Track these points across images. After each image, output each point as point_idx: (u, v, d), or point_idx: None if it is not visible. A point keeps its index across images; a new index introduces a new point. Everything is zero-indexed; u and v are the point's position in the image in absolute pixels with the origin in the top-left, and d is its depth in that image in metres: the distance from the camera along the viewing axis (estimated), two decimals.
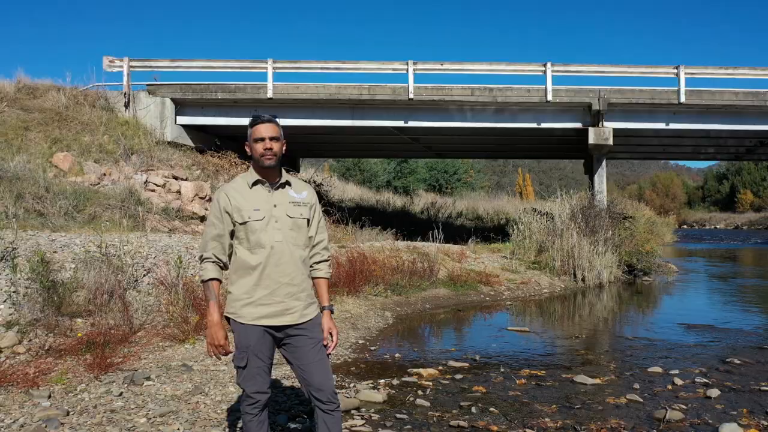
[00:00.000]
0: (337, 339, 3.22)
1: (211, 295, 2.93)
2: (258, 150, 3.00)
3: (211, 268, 2.95)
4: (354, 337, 7.05)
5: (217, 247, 2.94)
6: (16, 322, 5.77)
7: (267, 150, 3.01)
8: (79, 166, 12.46)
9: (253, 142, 3.02)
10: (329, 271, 3.23)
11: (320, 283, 3.18)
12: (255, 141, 3.01)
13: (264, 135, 3.01)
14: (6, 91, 13.51)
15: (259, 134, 3.01)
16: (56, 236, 8.13)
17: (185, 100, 15.18)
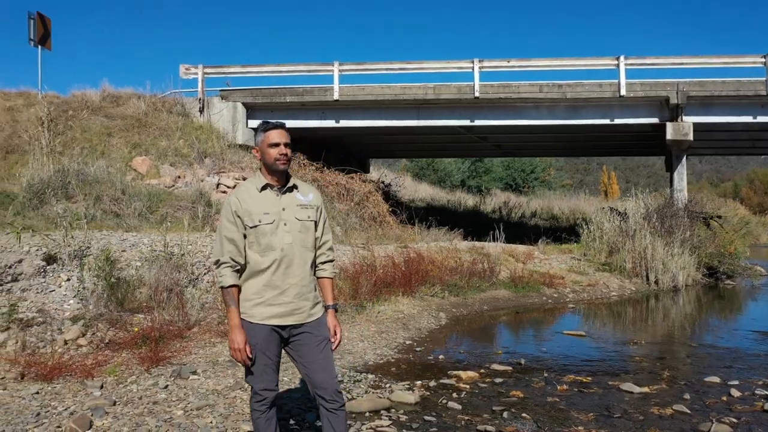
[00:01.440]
0: (341, 337, 3.27)
1: (231, 301, 3.00)
2: (272, 155, 3.07)
3: (229, 275, 3.01)
4: (402, 338, 7.06)
5: (233, 250, 3.01)
6: (81, 317, 6.18)
7: (282, 155, 3.07)
8: (156, 169, 13.15)
9: (267, 147, 3.08)
10: (334, 271, 3.30)
11: (325, 282, 3.24)
12: (269, 146, 3.07)
13: (279, 141, 3.07)
14: (92, 100, 14.46)
15: (273, 140, 3.07)
16: (128, 236, 8.62)
17: (256, 104, 15.70)
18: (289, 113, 15.88)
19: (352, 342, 6.67)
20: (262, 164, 3.12)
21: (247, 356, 2.99)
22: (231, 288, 3.00)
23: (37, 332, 5.76)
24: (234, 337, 2.98)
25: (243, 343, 2.97)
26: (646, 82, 14.99)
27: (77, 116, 13.69)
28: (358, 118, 15.82)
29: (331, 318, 3.22)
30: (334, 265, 3.31)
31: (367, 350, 6.37)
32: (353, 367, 5.67)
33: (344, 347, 6.42)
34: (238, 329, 2.98)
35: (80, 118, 13.61)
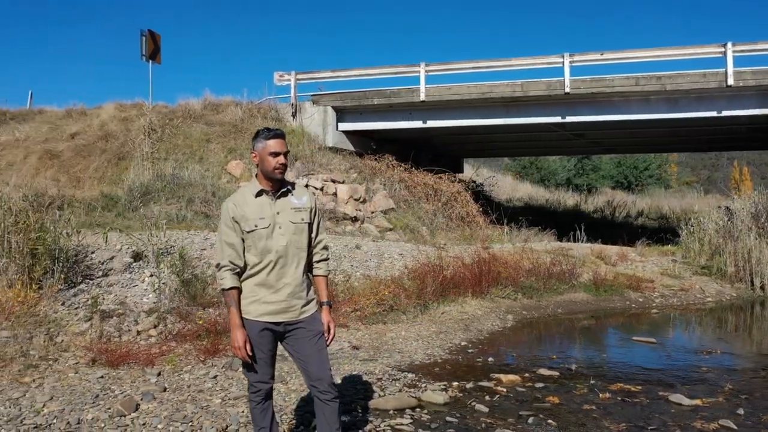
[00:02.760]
0: (335, 332, 3.39)
1: (231, 302, 3.19)
2: (272, 163, 3.22)
3: (229, 277, 3.19)
4: (459, 339, 7.04)
5: (232, 253, 3.20)
6: (156, 310, 6.74)
7: (281, 165, 3.24)
8: (249, 172, 13.91)
9: (267, 155, 3.22)
10: (328, 269, 3.44)
11: (320, 280, 3.39)
12: (270, 155, 3.21)
13: (278, 150, 3.22)
14: (194, 108, 15.54)
15: (273, 149, 3.22)
16: (212, 235, 9.22)
17: (345, 108, 16.13)
18: (377, 115, 16.18)
19: (407, 341, 6.76)
20: (260, 170, 3.28)
21: (249, 354, 3.17)
22: (231, 290, 3.19)
23: (116, 323, 6.36)
24: (235, 336, 3.16)
25: (243, 342, 3.15)
26: (759, 69, 13.75)
27: (181, 124, 14.79)
28: (445, 118, 15.79)
29: (325, 314, 3.35)
30: (328, 263, 3.45)
31: (418, 350, 6.43)
32: (397, 366, 5.76)
33: (395, 346, 6.53)
34: (238, 328, 3.16)
35: (183, 126, 14.69)
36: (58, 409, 4.41)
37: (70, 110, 15.80)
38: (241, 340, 3.14)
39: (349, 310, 7.57)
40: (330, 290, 3.54)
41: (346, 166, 15.44)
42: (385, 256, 10.03)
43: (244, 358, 3.17)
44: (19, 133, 14.39)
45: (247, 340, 3.16)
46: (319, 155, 15.29)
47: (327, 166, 15.05)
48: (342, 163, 15.48)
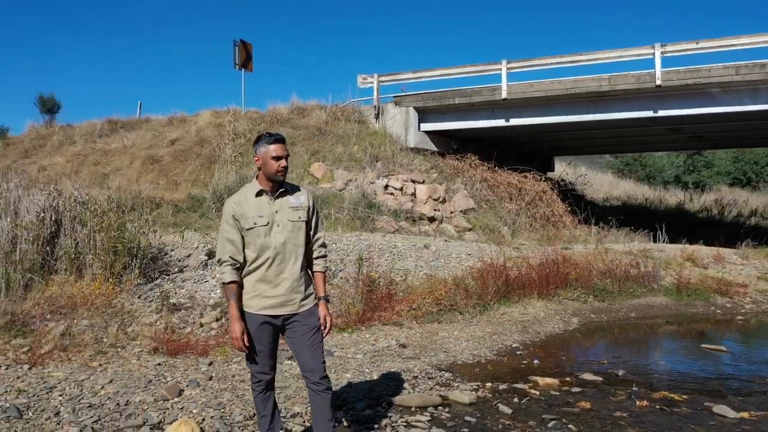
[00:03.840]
0: (331, 326, 3.54)
1: (231, 295, 3.40)
2: (274, 167, 3.42)
3: (229, 272, 3.41)
4: (512, 341, 6.95)
5: (232, 249, 3.43)
6: (221, 305, 7.20)
7: (283, 168, 3.44)
8: (330, 173, 14.38)
9: (270, 159, 3.42)
10: (325, 266, 3.61)
11: (317, 276, 3.57)
12: (272, 158, 3.41)
13: (281, 154, 3.42)
14: (281, 113, 16.26)
15: (276, 153, 3.42)
16: None
17: (427, 108, 16.22)
18: (459, 114, 16.13)
19: (457, 341, 6.78)
20: (261, 172, 3.47)
21: (245, 344, 3.38)
22: (230, 284, 3.42)
23: (182, 315, 6.88)
24: (233, 328, 3.38)
25: (240, 333, 3.37)
26: None
27: (268, 128, 15.51)
28: (528, 115, 15.46)
29: (322, 308, 3.51)
30: (326, 260, 3.61)
31: (464, 350, 6.44)
32: (437, 365, 5.81)
33: (443, 346, 6.57)
34: (236, 321, 3.38)
35: (270, 130, 15.40)
36: (113, 391, 4.88)
37: (171, 118, 17.04)
38: (239, 331, 3.35)
39: (405, 308, 7.68)
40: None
41: (426, 166, 15.53)
42: (453, 256, 10.04)
43: (241, 348, 3.39)
44: (127, 141, 15.72)
45: (244, 332, 3.37)
46: (400, 156, 15.49)
47: (408, 167, 15.22)
48: (423, 163, 15.59)
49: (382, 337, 6.75)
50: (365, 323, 7.19)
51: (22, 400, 4.63)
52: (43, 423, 4.23)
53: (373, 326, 7.17)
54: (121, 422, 4.25)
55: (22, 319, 6.20)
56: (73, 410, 4.47)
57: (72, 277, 7.06)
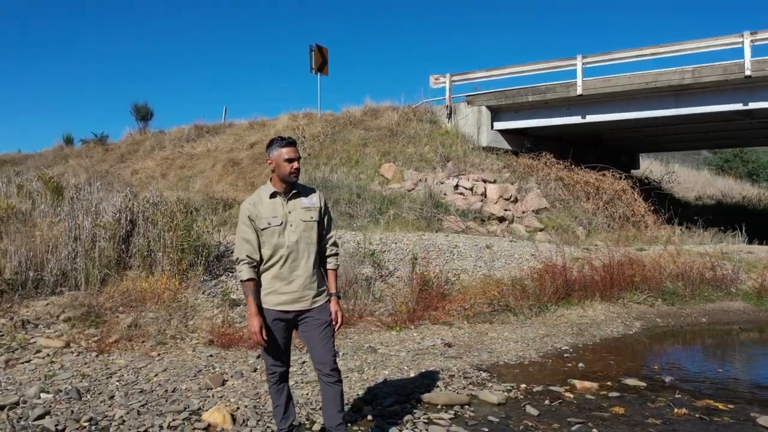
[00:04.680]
0: (342, 321, 3.69)
1: (248, 292, 3.59)
2: (287, 169, 3.60)
3: (246, 270, 3.59)
4: (563, 343, 6.81)
5: (249, 248, 3.63)
6: None
7: (296, 169, 3.62)
8: (400, 174, 14.53)
9: (283, 161, 3.60)
10: (337, 264, 3.77)
11: (329, 273, 3.74)
12: (285, 161, 3.60)
13: (292, 156, 3.61)
14: (355, 115, 16.59)
15: (289, 155, 3.61)
16: (347, 234, 9.89)
17: (500, 107, 16.03)
18: (532, 112, 15.83)
19: (504, 342, 6.73)
20: (275, 174, 3.65)
21: (264, 339, 3.57)
22: (248, 281, 3.62)
23: (241, 311, 7.24)
24: (251, 323, 3.57)
25: (258, 328, 3.55)
26: None
27: (342, 130, 15.90)
28: (606, 112, 14.93)
29: (333, 304, 3.66)
30: (337, 258, 3.76)
31: (510, 351, 6.38)
32: (477, 365, 5.81)
33: (489, 346, 6.55)
34: (255, 316, 3.56)
35: (344, 132, 15.78)
36: (165, 379, 5.26)
37: (252, 122, 17.82)
38: (257, 326, 3.54)
39: (457, 308, 7.70)
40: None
41: (498, 165, 15.36)
42: (515, 257, 9.90)
43: (259, 342, 3.58)
44: (211, 145, 16.61)
45: (262, 327, 3.55)
46: (472, 155, 15.42)
47: (479, 166, 15.12)
48: (495, 162, 15.43)
49: (429, 336, 6.82)
50: (415, 322, 7.28)
51: (84, 383, 5.10)
52: (97, 405, 4.64)
53: (422, 325, 7.25)
54: (165, 407, 4.59)
55: (96, 310, 6.77)
56: (126, 394, 4.87)
57: (144, 273, 7.61)
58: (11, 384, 5.08)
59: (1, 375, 5.31)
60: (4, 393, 4.86)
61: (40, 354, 5.82)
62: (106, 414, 4.45)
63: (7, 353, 5.78)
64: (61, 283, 7.24)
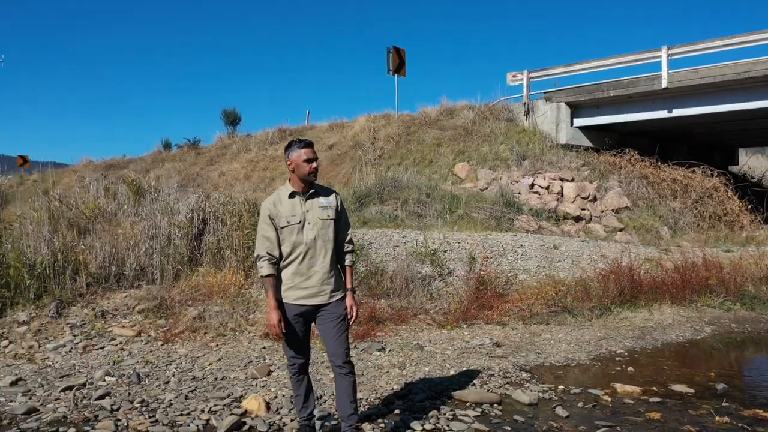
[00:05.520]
0: (357, 314, 3.87)
1: (268, 287, 3.80)
2: (307, 169, 3.81)
3: (266, 266, 3.79)
4: (619, 347, 6.59)
5: (269, 245, 3.83)
6: None
7: (315, 169, 3.82)
8: (474, 173, 14.46)
9: (302, 162, 3.80)
10: (352, 260, 3.95)
11: (346, 269, 3.89)
12: (305, 161, 3.81)
13: (312, 157, 3.82)
14: (430, 115, 16.66)
15: (308, 156, 3.81)
16: (411, 233, 10.02)
17: (579, 102, 15.57)
18: (615, 108, 15.24)
19: (556, 344, 6.61)
20: (294, 174, 3.84)
21: (281, 331, 3.78)
22: (268, 277, 3.82)
23: None
24: (270, 316, 3.78)
25: (277, 321, 3.76)
26: None
27: (417, 131, 16.03)
28: (694, 105, 14.12)
29: (348, 299, 3.84)
30: (353, 255, 3.93)
31: (559, 353, 6.27)
32: (521, 366, 5.77)
33: (539, 347, 6.46)
34: (274, 310, 3.77)
35: (419, 132, 15.90)
36: (217, 368, 5.63)
37: (332, 124, 18.32)
38: (276, 319, 3.75)
39: (513, 308, 7.63)
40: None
41: (577, 163, 14.92)
42: (584, 257, 9.64)
43: (277, 334, 3.78)
44: None
45: (281, 320, 3.76)
46: (550, 153, 15.08)
47: (557, 164, 14.77)
48: (574, 160, 15.01)
49: (479, 336, 6.82)
50: (468, 321, 7.30)
51: (146, 369, 5.56)
52: (152, 389, 5.06)
53: (475, 324, 7.26)
54: (211, 393, 4.93)
55: (167, 303, 7.30)
56: (179, 381, 5.27)
57: (213, 269, 8.11)
58: (83, 367, 5.63)
59: (78, 359, 5.89)
60: (75, 375, 5.40)
61: (114, 341, 6.39)
62: (158, 397, 4.85)
63: (86, 340, 6.39)
64: (140, 278, 7.86)
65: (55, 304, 6.99)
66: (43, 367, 5.66)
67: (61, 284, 7.29)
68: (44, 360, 5.84)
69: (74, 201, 8.57)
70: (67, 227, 8.07)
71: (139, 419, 4.36)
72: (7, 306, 6.93)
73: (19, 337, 6.36)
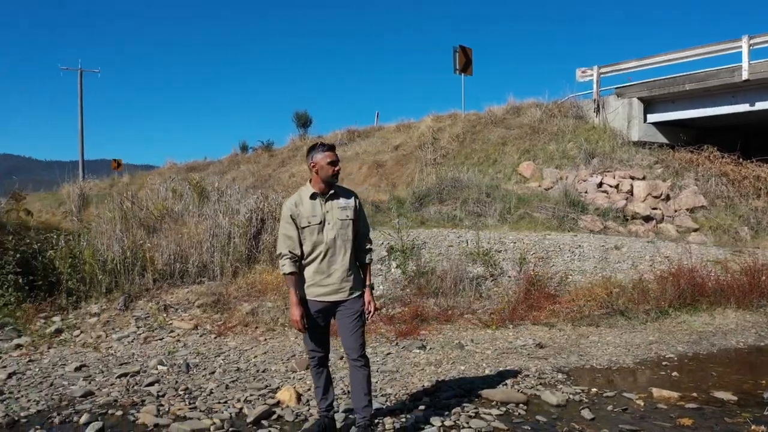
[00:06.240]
0: (375, 310, 4.03)
1: (290, 284, 3.99)
2: (330, 171, 3.98)
3: (288, 264, 3.98)
4: (670, 352, 6.34)
5: (291, 244, 4.01)
6: (385, 295, 7.94)
7: (337, 171, 4.00)
8: (539, 172, 14.22)
9: (326, 164, 3.98)
10: (370, 258, 4.09)
11: (362, 266, 4.03)
12: (328, 164, 3.99)
13: (335, 159, 4.00)
14: (496, 114, 16.50)
15: (332, 159, 3.99)
16: (467, 233, 10.02)
17: (653, 98, 14.96)
18: (691, 102, 14.53)
19: (602, 347, 6.47)
20: (317, 176, 4.00)
21: (304, 326, 3.97)
22: (290, 275, 4.01)
23: None
24: (292, 312, 3.97)
25: (299, 316, 3.95)
26: None
27: (482, 130, 15.93)
28: None
29: (366, 295, 4.01)
30: (371, 253, 4.08)
31: (603, 356, 6.14)
32: (559, 368, 5.70)
33: (583, 349, 6.35)
34: (296, 305, 3.96)
35: (484, 131, 15.80)
36: (261, 360, 5.92)
37: (399, 125, 18.51)
38: (298, 315, 3.94)
39: (564, 309, 7.51)
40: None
41: (650, 161, 14.35)
42: (646, 258, 9.31)
43: (300, 329, 3.97)
44: (359, 148, 17.59)
45: (303, 315, 3.94)
46: (620, 151, 14.61)
47: (627, 162, 14.27)
48: (646, 158, 14.45)
49: (523, 336, 6.77)
50: (515, 321, 7.25)
51: (196, 360, 5.93)
52: (198, 378, 5.40)
53: (521, 325, 7.21)
54: (250, 384, 5.21)
55: (224, 299, 7.71)
56: (224, 371, 5.59)
57: (269, 267, 8.47)
58: (141, 356, 6.08)
59: (138, 349, 6.35)
60: (132, 363, 5.84)
61: (172, 334, 6.83)
62: (201, 386, 5.17)
63: (148, 331, 6.87)
64: (201, 274, 8.33)
65: (124, 297, 7.55)
66: (105, 355, 6.15)
67: (130, 279, 7.86)
68: (108, 349, 6.34)
69: (145, 202, 9.18)
70: (137, 226, 8.66)
71: (179, 405, 4.68)
72: (82, 299, 7.55)
73: (89, 328, 6.93)
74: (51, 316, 7.11)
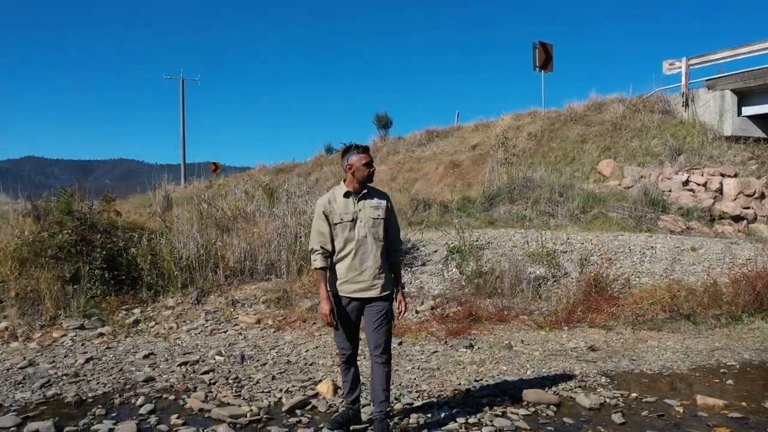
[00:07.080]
0: (406, 309, 4.23)
1: (321, 279, 4.19)
2: (365, 172, 4.13)
3: (320, 259, 4.17)
4: (733, 359, 5.99)
5: (323, 240, 4.20)
6: (441, 295, 8.03)
7: (372, 173, 4.18)
8: (620, 170, 13.71)
9: (361, 165, 4.12)
10: (400, 257, 4.26)
11: (394, 266, 4.20)
12: (363, 165, 4.14)
13: (370, 161, 4.16)
14: (576, 110, 16.02)
15: (367, 161, 4.14)
16: (534, 233, 9.85)
17: (748, 89, 14.01)
18: None
19: (659, 351, 6.24)
20: (352, 177, 4.12)
21: (333, 321, 4.16)
22: (321, 269, 4.22)
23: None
24: (323, 306, 4.17)
25: (329, 311, 4.14)
26: None
27: (561, 127, 15.54)
28: None
29: (398, 294, 4.20)
30: (400, 252, 4.24)
31: (657, 361, 5.92)
32: (605, 371, 5.57)
33: (637, 353, 6.15)
34: (326, 300, 4.17)
35: (563, 129, 15.42)
36: (311, 354, 6.20)
37: (477, 124, 18.41)
38: (328, 309, 4.13)
39: (625, 312, 7.27)
40: (401, 276, 4.27)
41: (743, 157, 13.47)
42: (725, 261, 8.79)
43: (330, 324, 4.16)
44: (437, 148, 17.67)
45: (332, 310, 4.13)
46: (710, 147, 13.83)
47: (718, 159, 13.49)
48: (739, 153, 13.59)
49: (577, 339, 6.64)
50: (570, 323, 7.12)
51: (252, 352, 6.30)
52: (249, 369, 5.76)
53: (577, 327, 7.07)
54: (295, 376, 5.49)
55: (288, 295, 8.09)
56: (275, 363, 5.92)
57: None
58: (203, 347, 6.54)
59: (202, 340, 6.83)
60: (195, 353, 6.30)
61: (236, 327, 7.28)
62: (250, 376, 5.52)
63: (215, 324, 7.36)
64: (269, 272, 8.77)
65: (197, 292, 8.11)
66: (173, 344, 6.67)
67: (203, 276, 8.43)
68: (176, 339, 6.86)
69: (220, 203, 9.78)
70: (212, 226, 9.26)
71: (225, 392, 5.04)
72: (161, 293, 8.19)
73: (163, 319, 7.51)
74: (132, 308, 7.77)
